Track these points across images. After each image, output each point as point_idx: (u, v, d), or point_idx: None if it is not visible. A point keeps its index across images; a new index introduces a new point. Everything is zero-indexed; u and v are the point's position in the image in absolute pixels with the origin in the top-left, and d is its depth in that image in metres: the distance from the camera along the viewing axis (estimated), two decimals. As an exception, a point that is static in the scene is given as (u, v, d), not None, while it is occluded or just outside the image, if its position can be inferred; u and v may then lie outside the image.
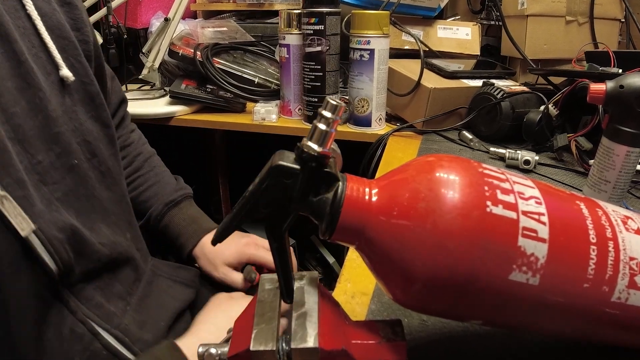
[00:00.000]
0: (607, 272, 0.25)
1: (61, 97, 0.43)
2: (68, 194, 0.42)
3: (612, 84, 0.44)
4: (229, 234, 0.26)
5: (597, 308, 0.25)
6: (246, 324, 0.25)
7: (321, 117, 0.24)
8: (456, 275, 0.23)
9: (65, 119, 0.43)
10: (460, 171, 0.24)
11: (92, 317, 0.42)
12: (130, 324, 0.46)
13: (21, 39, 0.40)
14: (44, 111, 0.40)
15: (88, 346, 0.41)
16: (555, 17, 0.88)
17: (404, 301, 0.26)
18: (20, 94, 0.39)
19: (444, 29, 0.96)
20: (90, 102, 0.47)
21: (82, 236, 0.42)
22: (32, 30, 0.42)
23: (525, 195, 0.25)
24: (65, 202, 0.41)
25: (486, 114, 0.74)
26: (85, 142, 0.45)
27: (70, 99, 0.44)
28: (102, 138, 0.48)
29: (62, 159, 0.42)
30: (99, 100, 0.48)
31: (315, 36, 0.80)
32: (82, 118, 0.45)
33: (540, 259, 0.23)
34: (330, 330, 0.25)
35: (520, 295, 0.24)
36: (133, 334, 0.45)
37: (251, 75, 0.99)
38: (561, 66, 0.90)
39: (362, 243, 0.25)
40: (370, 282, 0.40)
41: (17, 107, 0.38)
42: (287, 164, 0.24)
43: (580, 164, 0.62)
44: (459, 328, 0.34)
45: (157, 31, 0.97)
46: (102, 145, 0.48)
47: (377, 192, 0.25)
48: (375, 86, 0.79)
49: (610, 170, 0.47)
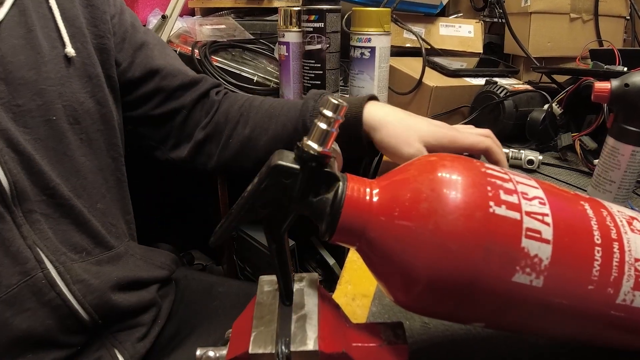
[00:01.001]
0: (612, 274, 0.25)
1: (60, 66, 0.48)
2: (38, 141, 0.46)
3: (617, 83, 0.44)
4: (227, 235, 0.26)
5: (602, 310, 0.25)
6: (245, 326, 0.25)
7: (322, 116, 0.24)
8: (458, 277, 0.23)
9: (56, 82, 0.48)
10: (463, 171, 0.24)
11: (40, 246, 0.45)
12: (78, 268, 0.47)
13: (37, 21, 0.48)
14: (38, 69, 0.46)
15: (29, 271, 0.44)
16: (559, 15, 0.88)
17: (405, 303, 0.26)
18: (22, 50, 0.46)
19: (446, 26, 0.96)
20: (88, 80, 0.51)
21: (39, 167, 0.45)
22: (50, 17, 0.49)
23: (529, 196, 0.25)
24: (33, 144, 0.46)
25: (489, 112, 0.74)
26: (72, 108, 0.49)
27: (68, 71, 0.49)
28: (93, 113, 0.52)
29: (42, 111, 0.46)
30: (97, 80, 0.52)
31: (315, 34, 0.80)
32: (76, 89, 0.50)
33: (544, 261, 0.23)
34: (330, 333, 0.24)
35: (523, 297, 0.24)
36: (76, 275, 0.47)
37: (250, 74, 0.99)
38: (565, 64, 0.90)
39: (362, 244, 0.25)
40: (371, 284, 0.40)
41: (15, 58, 0.45)
42: (286, 164, 0.24)
43: (585, 164, 0.62)
44: (462, 331, 0.34)
45: (154, 29, 0.97)
46: (89, 118, 0.51)
47: (378, 193, 0.25)
48: (376, 85, 0.79)
49: (615, 170, 0.47)
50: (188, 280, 0.68)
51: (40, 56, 0.47)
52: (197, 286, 0.67)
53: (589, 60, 0.73)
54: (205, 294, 0.66)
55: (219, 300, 0.66)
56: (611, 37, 0.90)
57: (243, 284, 0.72)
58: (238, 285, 0.70)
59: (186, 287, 0.67)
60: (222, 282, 0.70)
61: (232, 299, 0.66)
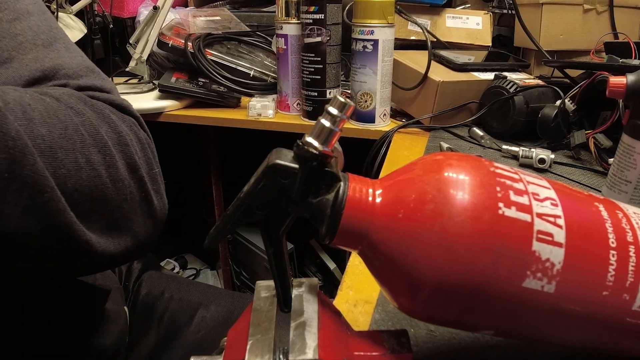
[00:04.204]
0: (628, 279, 0.25)
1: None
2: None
3: (633, 77, 0.44)
4: (222, 238, 0.26)
5: (617, 317, 0.25)
6: (241, 334, 0.25)
7: (327, 113, 0.24)
8: (466, 282, 0.23)
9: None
10: (471, 170, 0.24)
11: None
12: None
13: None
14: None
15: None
16: (573, 6, 0.88)
17: (410, 310, 0.26)
18: None
19: (453, 18, 0.96)
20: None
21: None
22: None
23: (540, 197, 0.25)
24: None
25: (498, 109, 0.74)
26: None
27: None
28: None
29: None
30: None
31: (315, 26, 0.80)
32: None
33: (556, 265, 0.23)
34: (331, 342, 0.25)
35: (534, 303, 0.24)
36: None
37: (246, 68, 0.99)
38: (578, 58, 0.90)
39: (365, 248, 0.25)
40: (373, 289, 0.40)
41: None
42: (285, 163, 0.24)
43: (599, 163, 0.62)
44: (469, 339, 0.34)
45: (146, 20, 0.97)
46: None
47: (381, 193, 0.25)
48: (379, 79, 0.79)
49: (631, 170, 0.47)
50: (165, 300, 0.62)
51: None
52: (176, 310, 0.62)
53: (603, 54, 0.73)
54: (186, 325, 0.60)
55: (205, 330, 0.60)
56: (627, 29, 0.90)
57: (232, 302, 0.64)
58: (226, 307, 0.63)
59: (164, 313, 0.61)
60: (208, 302, 0.63)
61: (218, 328, 0.60)
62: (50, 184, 0.31)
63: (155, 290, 0.64)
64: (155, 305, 0.62)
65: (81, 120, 0.36)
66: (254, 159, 0.39)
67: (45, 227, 0.31)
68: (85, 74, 0.43)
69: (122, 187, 0.38)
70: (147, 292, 0.64)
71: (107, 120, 0.39)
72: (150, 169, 0.42)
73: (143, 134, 0.43)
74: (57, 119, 0.33)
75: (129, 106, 0.44)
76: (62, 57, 0.43)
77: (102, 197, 0.36)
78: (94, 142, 0.36)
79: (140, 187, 0.40)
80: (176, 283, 0.67)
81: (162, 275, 0.68)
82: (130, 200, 0.39)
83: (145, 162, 0.42)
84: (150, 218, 0.42)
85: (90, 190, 0.35)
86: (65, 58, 0.43)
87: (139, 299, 0.64)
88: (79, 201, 0.34)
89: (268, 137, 0.81)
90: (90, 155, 0.35)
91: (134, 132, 0.42)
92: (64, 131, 0.33)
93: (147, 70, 1.02)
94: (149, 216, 0.41)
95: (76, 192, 0.34)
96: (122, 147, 0.38)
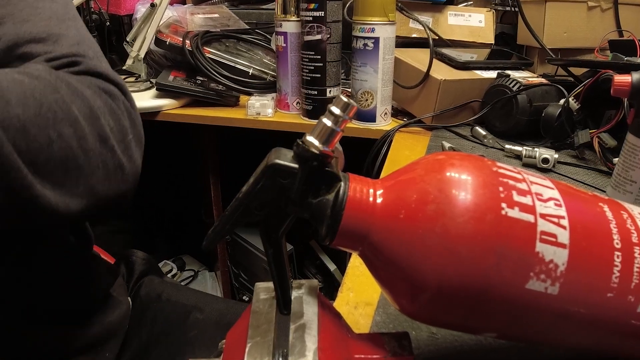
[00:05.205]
0: (633, 281, 0.25)
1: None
2: None
3: (638, 76, 0.44)
4: (220, 239, 0.26)
5: (622, 319, 0.25)
6: (239, 336, 0.25)
7: (329, 113, 0.24)
8: (468, 284, 0.23)
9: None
10: (473, 170, 0.24)
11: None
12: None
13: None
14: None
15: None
16: (577, 3, 0.88)
17: (411, 312, 0.26)
18: None
19: (455, 15, 0.96)
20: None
21: None
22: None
23: (544, 197, 0.25)
24: None
25: (501, 108, 0.74)
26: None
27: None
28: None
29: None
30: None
31: (315, 23, 0.80)
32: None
33: (560, 266, 0.23)
34: (331, 344, 0.25)
35: (538, 305, 0.24)
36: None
37: (245, 66, 0.99)
38: (583, 56, 0.90)
39: (365, 249, 0.25)
40: (374, 291, 0.40)
41: None
42: (284, 163, 0.24)
43: (604, 163, 0.62)
44: (472, 342, 0.34)
45: (143, 18, 0.97)
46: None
47: (382, 194, 0.25)
48: (380, 78, 0.79)
49: (636, 170, 0.47)
50: (162, 302, 0.65)
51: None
52: (171, 311, 0.64)
53: (608, 52, 0.73)
54: (180, 324, 0.63)
55: (197, 329, 0.62)
56: (632, 26, 0.90)
57: (227, 307, 0.67)
58: (219, 311, 0.65)
59: (159, 312, 0.63)
60: (203, 305, 0.66)
61: (211, 329, 0.62)
62: (17, 164, 0.35)
63: (153, 293, 0.66)
64: (151, 306, 0.65)
65: (55, 97, 0.39)
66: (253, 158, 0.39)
67: (11, 201, 0.35)
68: (77, 43, 0.48)
69: (93, 156, 0.42)
70: (146, 294, 0.67)
71: (81, 96, 0.42)
72: (124, 137, 0.46)
73: (122, 103, 0.47)
74: (33, 98, 0.37)
75: (111, 74, 0.48)
76: None
77: (74, 166, 0.40)
78: (66, 117, 0.39)
79: (112, 155, 0.44)
80: (174, 288, 0.69)
81: (162, 282, 0.71)
82: (102, 168, 0.43)
83: (118, 130, 0.45)
84: (124, 182, 0.46)
85: (61, 161, 0.39)
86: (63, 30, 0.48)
87: (137, 300, 0.66)
88: (51, 170, 0.38)
89: (267, 137, 0.81)
90: (62, 130, 0.39)
91: (108, 105, 0.45)
92: (38, 109, 0.37)
93: (145, 68, 1.03)
94: (122, 181, 0.46)
95: (48, 163, 0.37)
96: (92, 120, 0.42)
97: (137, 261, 0.72)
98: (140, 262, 0.73)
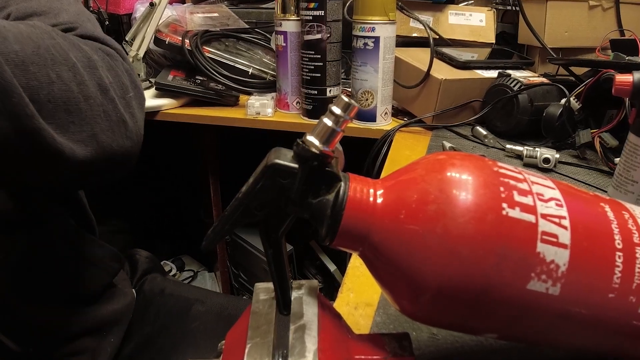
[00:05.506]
0: (635, 281, 0.25)
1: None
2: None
3: (639, 75, 0.44)
4: (220, 239, 0.26)
5: (623, 320, 0.25)
6: (239, 337, 0.25)
7: (330, 113, 0.24)
8: (469, 285, 0.23)
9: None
10: (474, 170, 0.24)
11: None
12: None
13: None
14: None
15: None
16: (578, 2, 0.88)
17: (412, 313, 0.26)
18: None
19: (455, 14, 0.96)
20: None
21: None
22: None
23: (545, 197, 0.25)
24: None
25: (502, 107, 0.74)
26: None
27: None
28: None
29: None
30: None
31: (315, 22, 0.80)
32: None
33: (561, 267, 0.23)
34: (331, 345, 0.25)
35: (539, 306, 0.24)
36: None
37: (245, 66, 0.99)
38: (584, 55, 0.90)
39: (366, 249, 0.25)
40: (375, 292, 0.40)
41: None
42: (284, 163, 0.24)
43: (605, 163, 0.62)
44: (473, 342, 0.34)
45: (142, 17, 0.97)
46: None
47: (382, 194, 0.25)
48: (380, 77, 0.79)
49: (638, 170, 0.47)
50: (165, 297, 0.67)
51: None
52: (174, 304, 0.66)
53: (609, 51, 0.73)
54: (183, 315, 0.65)
55: (199, 321, 0.65)
56: (633, 26, 0.89)
57: (227, 300, 0.70)
58: (221, 304, 0.68)
59: (161, 306, 0.66)
60: (205, 298, 0.69)
61: (212, 321, 0.64)
62: (18, 90, 0.35)
63: (157, 288, 0.69)
64: (154, 300, 0.67)
65: (52, 42, 0.40)
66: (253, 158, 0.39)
67: (16, 130, 0.35)
68: (77, 14, 0.50)
69: (94, 104, 0.42)
70: (149, 289, 0.69)
71: (78, 47, 0.43)
72: (124, 93, 0.47)
73: (120, 64, 0.48)
74: (30, 39, 0.38)
75: (110, 40, 0.50)
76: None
77: (76, 110, 0.40)
78: (64, 61, 0.40)
79: (114, 107, 0.45)
80: (177, 285, 0.72)
81: (165, 279, 0.72)
82: (105, 118, 0.43)
83: (118, 86, 0.46)
84: (128, 139, 0.47)
85: (63, 102, 0.39)
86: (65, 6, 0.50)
87: (140, 294, 0.68)
88: (54, 111, 0.38)
89: (267, 136, 0.81)
90: (61, 72, 0.39)
91: (106, 62, 0.46)
92: (36, 49, 0.38)
93: (144, 68, 1.03)
94: (126, 137, 0.46)
95: (49, 102, 0.38)
96: (91, 70, 0.43)
97: (140, 260, 0.74)
98: (144, 260, 0.74)
